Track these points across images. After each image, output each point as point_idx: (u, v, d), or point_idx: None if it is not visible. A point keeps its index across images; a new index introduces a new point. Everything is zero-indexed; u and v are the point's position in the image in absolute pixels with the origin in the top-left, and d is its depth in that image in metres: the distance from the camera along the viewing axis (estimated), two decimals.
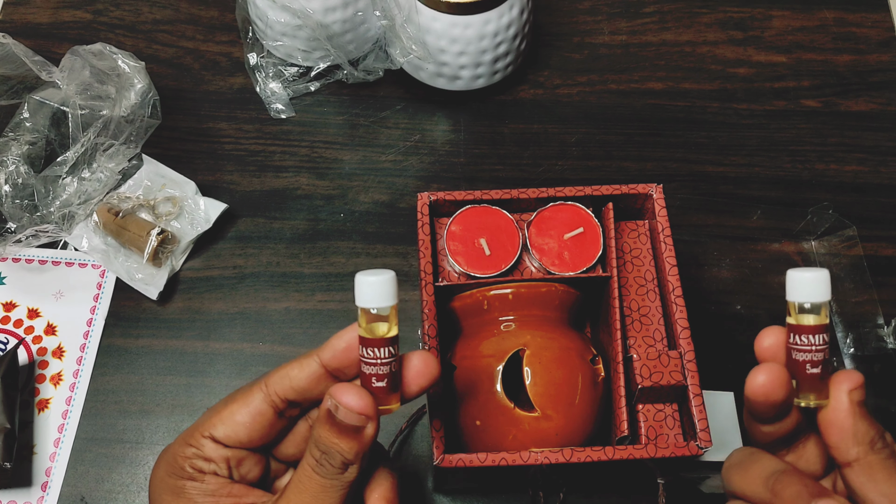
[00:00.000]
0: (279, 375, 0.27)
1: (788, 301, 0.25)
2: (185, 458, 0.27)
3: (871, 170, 0.50)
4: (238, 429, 0.27)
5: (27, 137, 0.45)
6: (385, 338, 0.25)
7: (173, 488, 0.27)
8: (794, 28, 0.55)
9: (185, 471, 0.27)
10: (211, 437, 0.27)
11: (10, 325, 0.44)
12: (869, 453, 0.25)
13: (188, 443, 0.28)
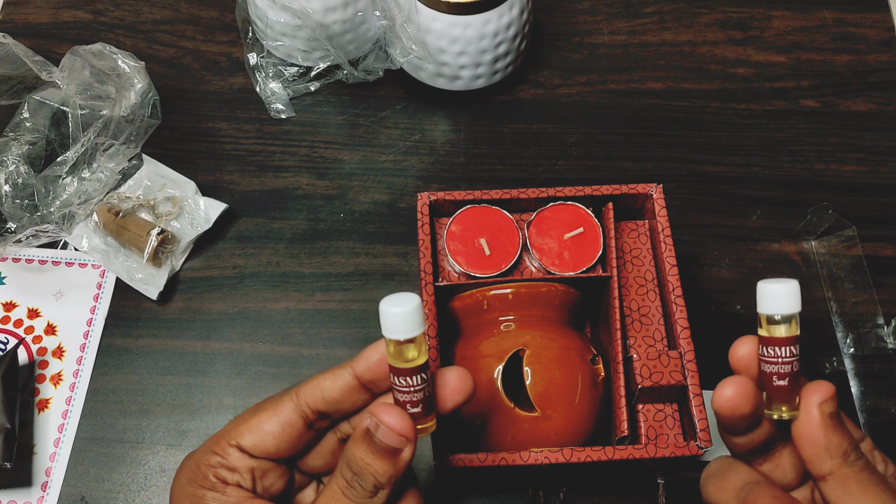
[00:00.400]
0: (311, 386, 0.26)
1: (759, 313, 0.25)
2: (209, 466, 0.26)
3: (870, 170, 0.50)
4: (266, 438, 0.26)
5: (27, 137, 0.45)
6: (415, 366, 0.24)
7: (193, 497, 0.26)
8: (794, 28, 0.55)
9: (207, 480, 0.26)
10: (238, 445, 0.26)
11: (10, 325, 0.44)
12: (843, 466, 0.24)
13: (213, 451, 0.27)
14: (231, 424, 0.27)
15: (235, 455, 0.26)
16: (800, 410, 0.25)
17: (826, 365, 0.44)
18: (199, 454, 0.27)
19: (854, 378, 0.43)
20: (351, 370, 0.26)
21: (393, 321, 0.24)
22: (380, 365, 0.25)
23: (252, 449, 0.26)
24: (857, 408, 0.42)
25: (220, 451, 0.27)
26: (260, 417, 0.26)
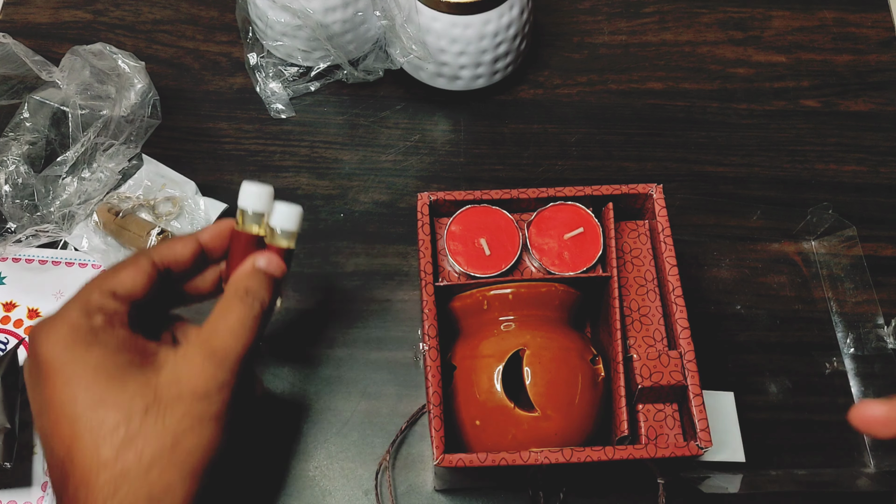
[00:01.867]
0: (166, 246, 0.33)
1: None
2: (94, 308, 0.29)
3: (870, 170, 0.50)
4: (136, 285, 0.31)
5: (27, 137, 0.45)
6: (253, 236, 0.33)
7: (85, 340, 0.28)
8: (794, 28, 0.55)
9: (94, 320, 0.29)
10: (112, 292, 0.30)
11: (11, 325, 0.44)
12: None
13: (88, 299, 0.30)
14: (94, 282, 0.30)
15: (110, 302, 0.30)
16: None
17: (826, 365, 0.44)
18: (76, 304, 0.30)
19: (854, 378, 0.43)
20: (198, 239, 0.33)
21: (247, 196, 0.33)
22: (219, 238, 0.33)
23: (124, 293, 0.30)
24: None
25: (96, 299, 0.30)
26: (126, 270, 0.31)
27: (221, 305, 0.31)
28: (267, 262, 0.32)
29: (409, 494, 0.40)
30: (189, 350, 0.30)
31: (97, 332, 0.29)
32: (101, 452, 0.27)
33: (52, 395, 0.28)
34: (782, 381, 0.43)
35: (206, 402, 0.29)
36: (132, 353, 0.29)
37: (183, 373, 0.29)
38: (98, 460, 0.27)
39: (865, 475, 0.41)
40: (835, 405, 0.43)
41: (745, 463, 0.39)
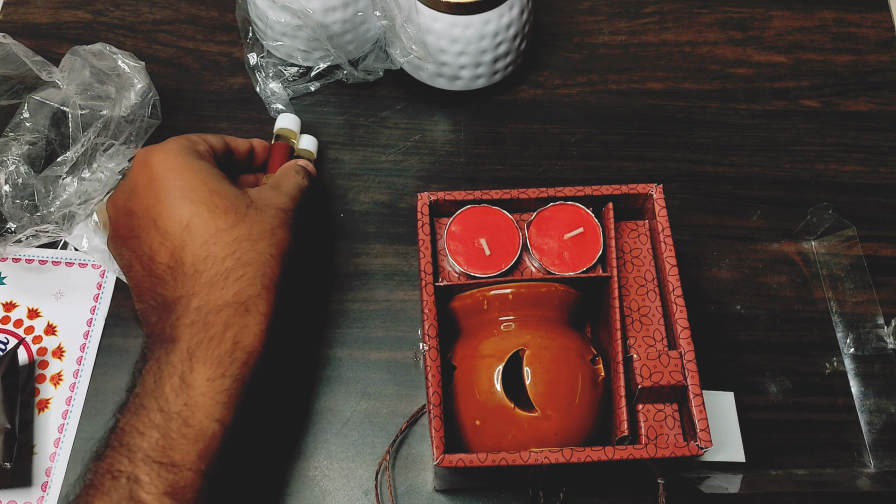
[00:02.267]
0: (232, 138, 0.43)
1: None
2: (196, 140, 0.39)
3: (870, 170, 0.50)
4: (217, 142, 0.41)
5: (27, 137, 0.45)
6: (289, 146, 0.46)
7: (195, 153, 0.38)
8: (794, 28, 0.55)
9: (199, 146, 0.39)
10: (203, 139, 0.40)
11: (10, 325, 0.44)
12: None
13: (188, 136, 0.39)
14: (186, 135, 0.40)
15: (204, 144, 0.40)
16: None
17: (826, 365, 0.44)
18: (177, 140, 0.39)
19: (854, 378, 0.43)
20: (252, 142, 0.44)
21: (284, 119, 0.47)
22: (265, 148, 0.45)
23: (212, 144, 0.40)
24: (858, 408, 0.42)
25: (196, 138, 0.40)
26: (209, 135, 0.41)
27: (281, 173, 0.42)
28: (304, 162, 0.44)
29: (409, 494, 0.40)
30: (266, 188, 0.40)
31: (202, 154, 0.39)
32: (217, 225, 0.35)
33: (165, 194, 0.36)
34: (782, 381, 0.43)
35: (284, 213, 0.38)
36: (226, 176, 0.38)
37: (267, 196, 0.38)
38: (216, 231, 0.35)
39: (865, 475, 0.41)
40: (835, 405, 0.43)
41: (745, 463, 0.39)
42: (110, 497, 0.30)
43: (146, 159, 0.37)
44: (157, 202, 0.36)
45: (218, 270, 0.34)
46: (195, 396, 0.32)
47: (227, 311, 0.34)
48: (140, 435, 0.31)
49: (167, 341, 0.33)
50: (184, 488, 0.31)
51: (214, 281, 0.34)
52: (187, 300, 0.34)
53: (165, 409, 0.32)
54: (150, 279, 0.36)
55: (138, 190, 0.37)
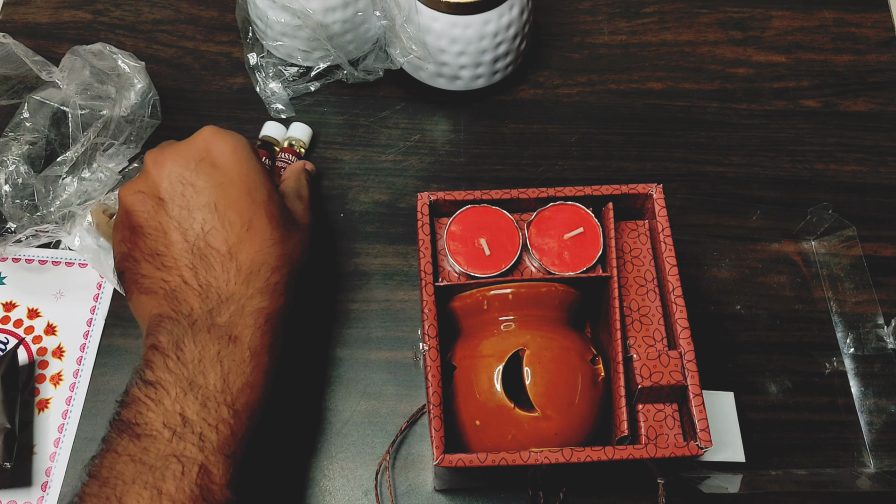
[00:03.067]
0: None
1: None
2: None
3: (870, 170, 0.50)
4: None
5: (27, 137, 0.45)
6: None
7: (258, 161, 0.38)
8: (794, 28, 0.55)
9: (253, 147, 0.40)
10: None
11: (10, 325, 0.44)
12: None
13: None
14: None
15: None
16: None
17: (826, 365, 0.44)
18: (241, 137, 0.39)
19: (854, 378, 0.43)
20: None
21: (269, 128, 0.49)
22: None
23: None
24: (858, 408, 0.42)
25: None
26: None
27: (295, 179, 0.43)
28: (310, 166, 0.46)
29: (409, 494, 0.40)
30: (292, 198, 0.41)
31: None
32: (273, 235, 0.36)
33: (232, 181, 0.36)
34: (782, 381, 0.43)
35: (308, 230, 0.40)
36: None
37: (297, 209, 0.40)
38: (271, 242, 0.36)
39: (865, 475, 0.41)
40: (835, 405, 0.43)
41: (745, 463, 0.39)
42: (180, 482, 0.30)
43: (223, 136, 0.37)
44: (225, 185, 0.36)
45: (270, 282, 0.35)
46: (257, 400, 0.34)
47: (280, 322, 0.36)
48: (211, 427, 0.32)
49: (225, 337, 0.33)
50: (236, 477, 0.32)
51: (270, 291, 0.35)
52: (246, 301, 0.34)
53: (234, 407, 0.33)
54: (193, 256, 0.35)
55: (209, 161, 0.36)
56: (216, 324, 0.34)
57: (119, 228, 0.37)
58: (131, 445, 0.31)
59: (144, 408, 0.32)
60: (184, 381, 0.32)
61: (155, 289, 0.35)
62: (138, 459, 0.30)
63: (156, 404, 0.32)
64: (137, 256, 0.36)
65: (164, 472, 0.30)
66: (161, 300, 0.35)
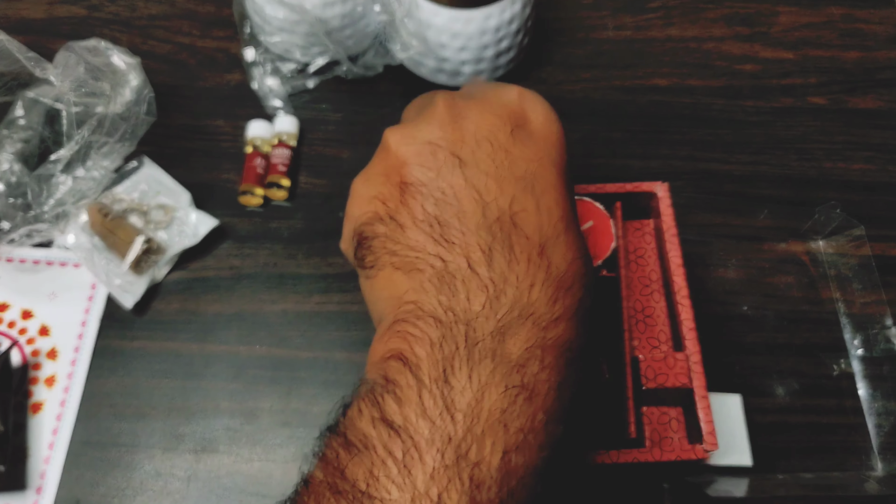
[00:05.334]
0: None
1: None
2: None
3: (879, 168, 0.49)
4: None
5: (21, 135, 0.44)
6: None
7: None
8: (801, 24, 0.54)
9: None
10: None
11: (4, 326, 0.43)
12: None
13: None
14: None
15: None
16: None
17: (834, 367, 0.43)
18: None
19: (862, 380, 0.43)
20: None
21: (252, 128, 0.48)
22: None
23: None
24: (866, 410, 0.42)
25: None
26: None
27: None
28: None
29: None
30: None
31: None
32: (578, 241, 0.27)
33: (559, 167, 0.27)
34: (790, 383, 0.42)
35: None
36: None
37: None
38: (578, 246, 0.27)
39: (873, 478, 0.40)
40: (843, 408, 0.42)
41: (752, 467, 0.38)
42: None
43: (540, 103, 0.28)
44: (545, 162, 0.26)
45: (582, 306, 0.25)
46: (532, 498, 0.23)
47: (582, 371, 0.25)
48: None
49: (517, 383, 0.23)
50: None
51: (580, 319, 0.25)
52: (550, 325, 0.24)
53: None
54: (492, 237, 0.25)
55: (525, 129, 0.27)
56: (506, 354, 0.23)
57: (374, 181, 0.27)
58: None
59: (383, 470, 0.21)
60: (447, 445, 0.21)
61: (422, 266, 0.25)
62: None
63: (401, 472, 0.21)
64: (404, 221, 0.26)
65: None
66: (427, 282, 0.24)
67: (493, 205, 0.25)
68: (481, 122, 0.27)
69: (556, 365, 0.23)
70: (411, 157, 0.27)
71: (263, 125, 0.48)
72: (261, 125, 0.48)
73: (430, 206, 0.26)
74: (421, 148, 0.27)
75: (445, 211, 0.25)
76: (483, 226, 0.25)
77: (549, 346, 0.23)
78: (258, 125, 0.48)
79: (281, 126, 0.48)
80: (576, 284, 0.25)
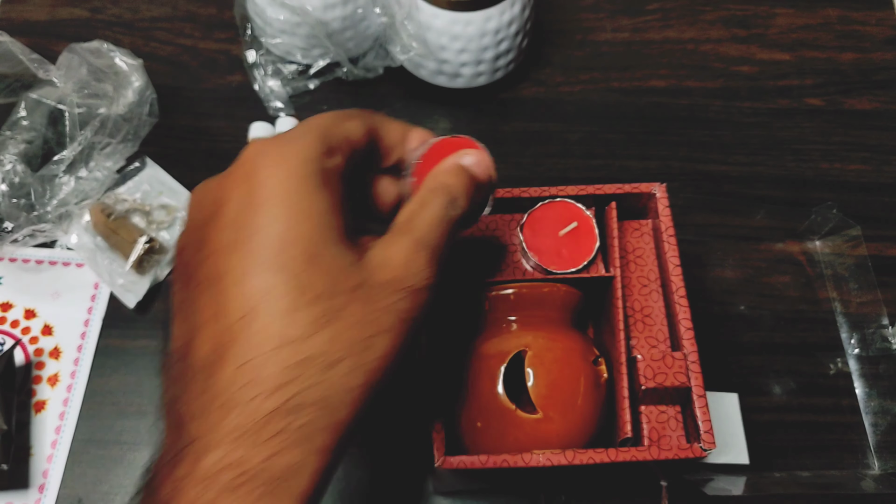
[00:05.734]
0: (377, 118, 0.28)
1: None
2: (335, 145, 0.25)
3: (874, 169, 0.49)
4: (357, 131, 0.26)
5: (24, 136, 0.44)
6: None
7: (318, 179, 0.23)
8: (798, 26, 0.54)
9: (333, 159, 0.25)
10: (345, 136, 0.25)
11: (7, 325, 0.43)
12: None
13: (327, 132, 0.25)
14: (327, 119, 0.26)
15: (344, 144, 0.25)
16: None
17: (830, 366, 0.43)
18: (305, 144, 0.24)
19: (859, 379, 0.43)
20: (408, 132, 0.29)
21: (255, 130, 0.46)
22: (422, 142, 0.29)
23: (354, 138, 0.26)
24: (862, 409, 0.42)
25: (337, 135, 0.25)
26: (350, 119, 0.26)
27: (417, 199, 0.26)
28: (475, 161, 0.28)
29: (409, 495, 0.40)
30: (397, 237, 0.25)
31: (330, 175, 0.24)
32: (287, 330, 0.21)
33: (250, 240, 0.22)
34: (786, 382, 0.43)
35: (409, 299, 0.23)
36: (347, 216, 0.24)
37: (393, 258, 0.24)
38: (279, 342, 0.21)
39: (870, 477, 0.40)
40: (839, 406, 0.42)
41: (749, 465, 0.39)
42: None
43: (254, 167, 0.24)
44: (237, 247, 0.22)
45: (257, 410, 0.21)
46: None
47: (244, 493, 0.20)
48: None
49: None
50: None
51: (246, 428, 0.21)
52: (200, 454, 0.21)
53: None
54: (181, 365, 0.23)
55: (226, 208, 0.23)
56: (161, 493, 0.21)
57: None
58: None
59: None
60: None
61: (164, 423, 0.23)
62: None
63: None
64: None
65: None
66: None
67: (186, 321, 0.24)
68: (199, 200, 0.25)
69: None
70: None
71: (265, 126, 0.48)
72: (262, 126, 0.48)
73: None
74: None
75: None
76: (178, 357, 0.24)
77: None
78: (260, 126, 0.48)
79: (282, 127, 0.48)
80: (246, 389, 0.21)
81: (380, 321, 0.23)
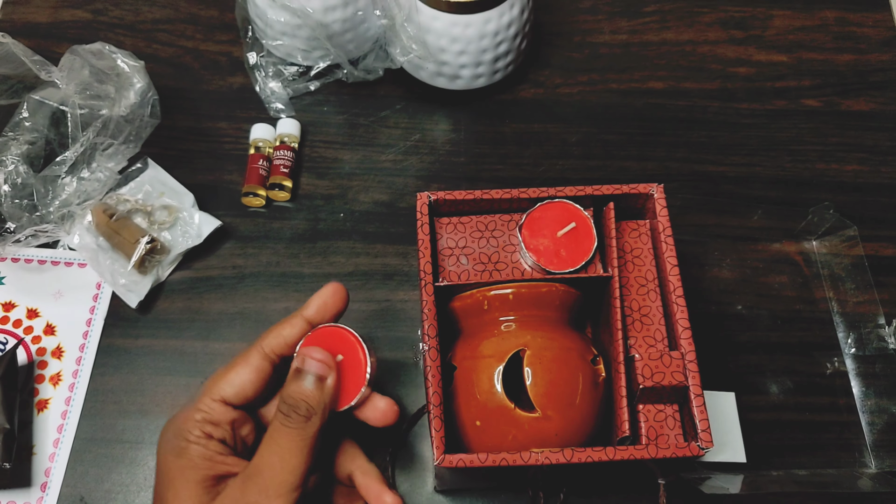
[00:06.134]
0: (273, 335, 0.32)
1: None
2: (195, 422, 0.31)
3: (871, 169, 0.49)
4: (245, 386, 0.31)
5: (26, 137, 0.45)
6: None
7: (178, 449, 0.30)
8: (795, 27, 0.55)
9: (192, 434, 0.30)
10: (221, 399, 0.31)
11: (10, 325, 0.44)
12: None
13: (199, 408, 0.31)
14: (209, 383, 0.31)
15: (218, 409, 0.31)
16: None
17: (827, 365, 0.44)
18: (185, 413, 0.31)
19: (855, 378, 0.43)
20: (303, 316, 0.32)
21: (257, 130, 0.49)
22: (323, 309, 0.32)
23: (233, 398, 0.31)
24: (859, 408, 0.42)
25: (205, 406, 0.31)
26: (236, 370, 0.31)
27: (268, 433, 0.30)
28: (314, 363, 0.31)
29: (410, 495, 0.40)
30: (239, 483, 0.29)
31: (189, 444, 0.30)
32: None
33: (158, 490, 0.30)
34: (783, 381, 0.43)
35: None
36: (209, 472, 0.30)
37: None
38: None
39: (866, 476, 0.41)
40: (836, 405, 0.42)
41: (746, 463, 0.39)
42: None
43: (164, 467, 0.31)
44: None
45: None
46: None
47: None
48: None
49: None
50: None
51: None
52: None
53: None
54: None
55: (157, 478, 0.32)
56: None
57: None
58: None
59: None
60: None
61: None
62: None
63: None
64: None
65: None
66: None
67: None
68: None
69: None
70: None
71: (266, 128, 0.48)
72: (263, 128, 0.48)
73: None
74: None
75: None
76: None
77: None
78: (261, 128, 0.48)
79: (283, 128, 0.48)
80: None
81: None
